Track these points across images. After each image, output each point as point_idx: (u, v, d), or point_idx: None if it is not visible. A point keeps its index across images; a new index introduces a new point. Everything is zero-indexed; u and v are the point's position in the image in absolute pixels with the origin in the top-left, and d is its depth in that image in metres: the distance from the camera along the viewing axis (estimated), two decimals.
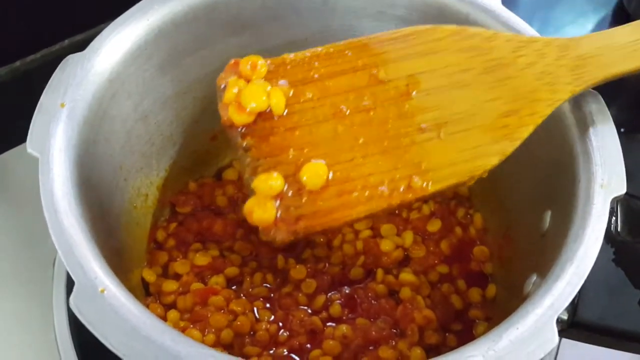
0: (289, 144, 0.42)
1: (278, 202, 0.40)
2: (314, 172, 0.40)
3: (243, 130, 0.43)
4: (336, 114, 0.42)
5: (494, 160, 0.41)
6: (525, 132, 0.41)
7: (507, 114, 0.41)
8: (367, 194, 0.40)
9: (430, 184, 0.40)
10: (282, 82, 0.43)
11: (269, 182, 0.41)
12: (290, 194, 0.40)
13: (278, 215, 0.40)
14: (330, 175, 0.40)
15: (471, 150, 0.41)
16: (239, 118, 0.43)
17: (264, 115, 0.43)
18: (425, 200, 0.42)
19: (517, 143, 0.41)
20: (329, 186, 0.40)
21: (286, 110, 0.43)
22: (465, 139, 0.41)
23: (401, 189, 0.40)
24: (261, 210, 0.40)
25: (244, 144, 0.42)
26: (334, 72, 0.43)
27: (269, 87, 0.43)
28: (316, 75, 0.43)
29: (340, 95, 0.42)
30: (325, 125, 0.42)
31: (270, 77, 0.43)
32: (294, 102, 0.43)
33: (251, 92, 0.42)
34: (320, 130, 0.42)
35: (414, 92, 0.42)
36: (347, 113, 0.42)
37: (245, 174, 0.43)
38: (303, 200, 0.40)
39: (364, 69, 0.43)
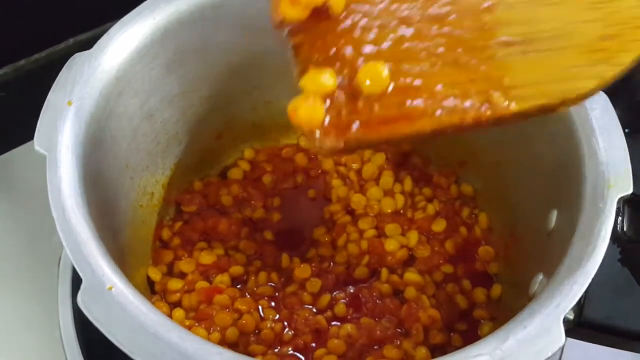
0: (346, 43, 0.37)
1: (328, 102, 0.35)
2: (374, 74, 0.35)
3: (294, 27, 0.38)
4: (404, 19, 0.37)
5: (590, 84, 0.36)
6: (628, 58, 0.36)
7: (606, 38, 0.37)
8: (435, 105, 0.35)
9: (514, 101, 0.35)
10: None
11: (320, 78, 0.35)
12: (343, 96, 0.35)
13: (327, 119, 0.35)
14: (392, 84, 0.35)
15: (563, 70, 0.36)
16: (291, 12, 0.37)
17: (320, 12, 0.37)
18: (493, 123, 0.36)
19: (617, 70, 0.36)
20: (390, 94, 0.35)
21: (346, 12, 0.37)
22: (556, 58, 0.37)
23: (478, 104, 0.35)
24: (309, 107, 0.35)
25: (294, 42, 0.37)
26: None
27: None
28: None
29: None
30: (390, 29, 0.37)
31: None
32: (357, 0, 0.38)
33: None
34: (384, 34, 0.37)
35: (497, 5, 0.38)
36: (417, 19, 0.37)
37: (294, 73, 0.37)
38: (359, 105, 0.35)
39: None
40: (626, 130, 0.46)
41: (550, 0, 0.38)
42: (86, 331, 0.56)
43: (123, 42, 0.50)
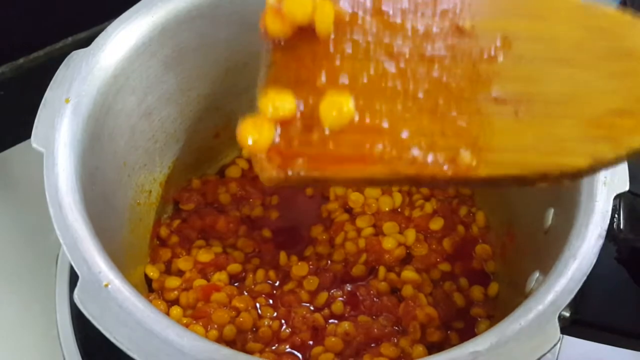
0: (321, 70, 0.34)
1: (279, 129, 0.32)
2: (336, 107, 0.32)
3: (275, 43, 0.35)
4: (394, 54, 0.34)
5: (581, 162, 0.31)
6: (638, 142, 0.32)
7: (621, 113, 0.32)
8: (394, 153, 0.32)
9: (482, 165, 0.31)
10: (343, 2, 0.35)
11: (278, 102, 0.32)
12: (299, 125, 0.32)
13: (276, 143, 0.32)
14: (356, 118, 0.32)
15: (555, 141, 0.32)
16: (273, 26, 0.35)
17: (306, 32, 0.34)
18: (455, 182, 0.33)
19: (620, 152, 0.32)
20: (350, 131, 0.32)
21: (333, 35, 0.34)
22: (550, 126, 0.32)
23: (441, 161, 0.31)
24: (256, 131, 0.32)
25: (273, 58, 0.35)
26: (407, 10, 0.35)
27: None
28: (385, 9, 0.35)
29: (407, 35, 0.34)
30: (375, 62, 0.34)
31: None
32: (346, 28, 0.34)
33: None
34: (365, 67, 0.34)
35: (500, 56, 0.34)
36: (407, 57, 0.34)
37: (257, 90, 0.34)
38: (313, 138, 0.32)
39: (446, 14, 0.35)
40: None
41: (570, 61, 0.34)
42: (84, 329, 0.56)
43: (121, 40, 0.50)
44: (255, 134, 0.32)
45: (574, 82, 0.33)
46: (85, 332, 0.55)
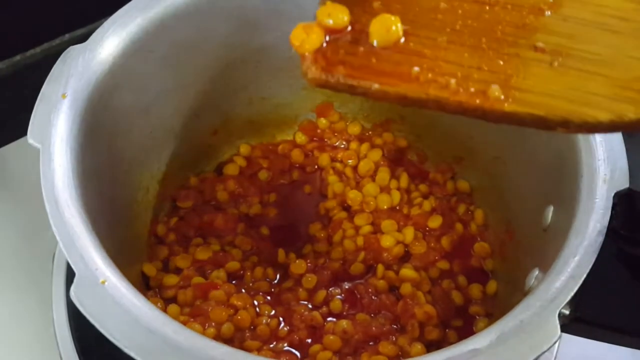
0: None
1: (329, 36, 0.35)
2: (385, 26, 0.35)
3: None
4: None
5: (602, 116, 0.33)
6: None
7: None
8: (429, 76, 0.34)
9: (510, 101, 0.34)
10: None
11: (333, 11, 0.35)
12: (348, 37, 0.35)
13: (323, 47, 0.35)
14: (402, 40, 0.35)
15: (582, 93, 0.34)
16: None
17: None
18: (480, 114, 0.34)
19: None
20: (394, 50, 0.35)
21: None
22: (582, 79, 0.34)
23: (472, 90, 0.34)
24: (306, 33, 0.35)
25: None
26: None
27: None
28: None
29: None
30: None
31: None
32: None
33: None
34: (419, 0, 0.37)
35: (548, 12, 0.36)
36: None
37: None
38: (358, 49, 0.35)
39: None
40: None
41: (612, 27, 0.36)
42: (80, 327, 0.55)
43: (118, 36, 0.50)
44: (304, 35, 0.35)
45: (613, 47, 0.35)
46: (82, 329, 0.55)
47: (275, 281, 0.59)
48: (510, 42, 0.35)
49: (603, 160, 0.45)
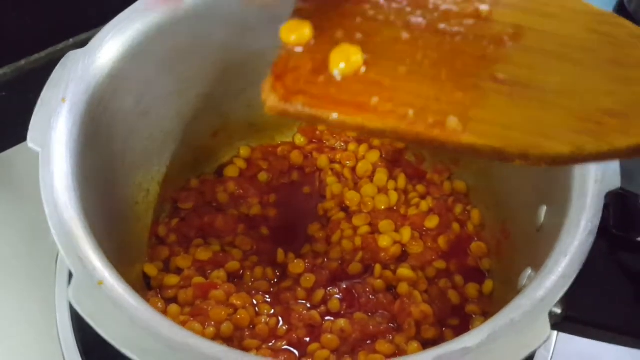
0: (341, 24, 0.36)
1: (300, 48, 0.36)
2: (346, 56, 0.35)
3: None
4: (411, 23, 0.37)
5: (561, 149, 0.33)
6: (622, 142, 0.33)
7: (612, 114, 0.33)
8: (388, 106, 0.34)
9: (467, 132, 0.33)
10: None
11: (297, 29, 0.36)
12: (308, 66, 0.35)
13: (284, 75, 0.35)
14: (362, 70, 0.35)
15: (541, 125, 0.33)
16: None
17: None
18: (439, 145, 0.34)
19: (602, 148, 0.33)
20: (354, 80, 0.35)
21: None
22: (541, 111, 0.34)
23: (430, 121, 0.33)
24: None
25: (296, 5, 0.38)
26: None
27: None
28: None
29: (428, 9, 0.37)
30: (392, 27, 0.37)
31: None
32: None
33: None
34: (382, 29, 0.37)
35: (510, 42, 0.36)
36: (423, 27, 0.37)
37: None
38: (318, 79, 0.35)
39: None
40: None
41: (573, 58, 0.36)
42: (83, 328, 0.56)
43: (117, 40, 0.50)
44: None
45: (573, 78, 0.35)
46: (85, 330, 0.56)
47: (275, 281, 0.59)
48: (470, 73, 0.35)
49: None
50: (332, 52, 0.35)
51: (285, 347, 0.55)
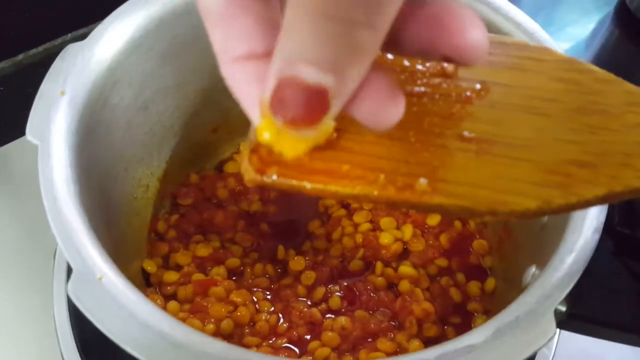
0: None
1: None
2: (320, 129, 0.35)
3: None
4: None
5: (529, 204, 0.33)
6: (590, 193, 0.32)
7: (580, 164, 0.33)
8: (359, 173, 0.34)
9: (436, 193, 0.34)
10: None
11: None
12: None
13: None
14: (334, 136, 0.35)
15: (508, 181, 0.33)
16: None
17: None
18: (411, 206, 0.33)
19: (569, 200, 0.33)
20: (326, 147, 0.34)
21: None
22: (508, 166, 0.34)
23: (399, 184, 0.34)
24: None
25: None
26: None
27: None
28: None
29: (394, 71, 0.37)
30: None
31: None
32: None
33: None
34: None
35: (476, 99, 0.36)
36: None
37: None
38: None
39: None
40: None
41: (539, 110, 0.35)
42: (81, 324, 0.55)
43: (117, 33, 0.50)
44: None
45: (540, 130, 0.34)
46: (83, 327, 0.55)
47: (275, 278, 0.59)
48: (437, 133, 0.35)
49: None
50: None
51: (286, 344, 0.54)
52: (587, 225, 0.43)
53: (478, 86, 0.36)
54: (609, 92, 0.36)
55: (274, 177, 0.33)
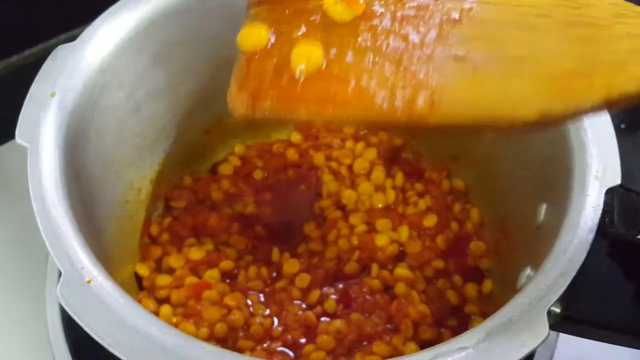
0: (299, 23, 0.37)
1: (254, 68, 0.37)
2: (306, 55, 0.36)
3: None
4: (367, 12, 0.37)
5: (531, 113, 0.33)
6: (588, 101, 0.33)
7: (575, 75, 0.34)
8: (353, 98, 0.35)
9: (434, 114, 0.34)
10: None
11: (254, 33, 0.37)
12: (271, 70, 0.36)
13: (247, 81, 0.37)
14: (324, 66, 0.36)
15: (509, 93, 0.34)
16: None
17: None
18: (411, 127, 0.36)
19: (570, 109, 0.33)
20: (317, 77, 0.35)
21: None
22: (506, 80, 0.34)
23: (397, 108, 0.34)
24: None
25: (254, 10, 0.39)
26: None
27: None
28: None
29: None
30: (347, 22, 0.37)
31: None
32: None
33: None
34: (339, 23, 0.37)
35: (466, 18, 0.36)
36: (378, 14, 0.37)
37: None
38: (282, 81, 0.36)
39: None
40: (621, 126, 0.46)
41: (530, 25, 0.36)
42: (74, 328, 0.55)
43: (107, 34, 0.50)
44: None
45: (533, 45, 0.35)
46: (76, 331, 0.55)
47: (270, 281, 0.58)
48: (430, 55, 0.35)
49: (595, 157, 0.45)
50: (292, 53, 0.36)
51: (280, 348, 0.54)
52: (582, 225, 0.43)
53: (467, 5, 0.36)
54: (596, 5, 0.36)
55: (266, 111, 0.35)
